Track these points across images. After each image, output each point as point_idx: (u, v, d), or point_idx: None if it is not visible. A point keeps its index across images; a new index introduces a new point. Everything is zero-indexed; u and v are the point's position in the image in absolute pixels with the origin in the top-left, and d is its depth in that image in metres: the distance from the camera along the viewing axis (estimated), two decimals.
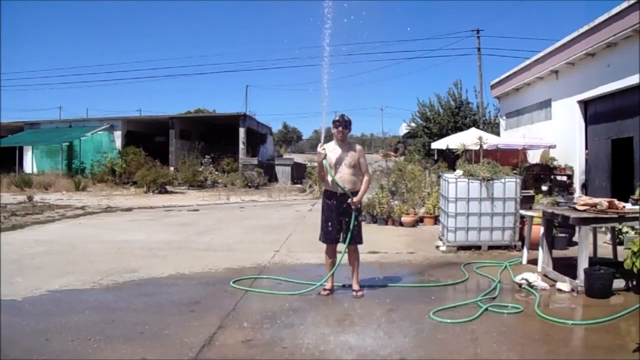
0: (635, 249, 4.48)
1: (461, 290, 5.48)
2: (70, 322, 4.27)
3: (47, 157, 27.63)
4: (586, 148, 12.37)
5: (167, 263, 6.70)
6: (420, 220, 10.50)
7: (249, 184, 24.08)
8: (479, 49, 26.27)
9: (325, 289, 5.13)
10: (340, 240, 5.16)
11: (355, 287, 5.13)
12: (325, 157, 5.01)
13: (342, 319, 4.35)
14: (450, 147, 14.11)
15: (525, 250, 6.73)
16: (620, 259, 5.75)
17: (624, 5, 9.71)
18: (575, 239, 7.16)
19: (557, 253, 6.52)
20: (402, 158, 20.45)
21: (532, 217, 6.72)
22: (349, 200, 5.02)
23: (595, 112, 11.99)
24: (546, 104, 14.49)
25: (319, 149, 5.07)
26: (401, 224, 10.20)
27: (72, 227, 10.38)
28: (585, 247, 5.26)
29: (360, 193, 5.13)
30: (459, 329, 4.09)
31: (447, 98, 24.35)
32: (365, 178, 5.22)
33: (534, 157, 15.22)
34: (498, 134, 18.90)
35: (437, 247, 7.80)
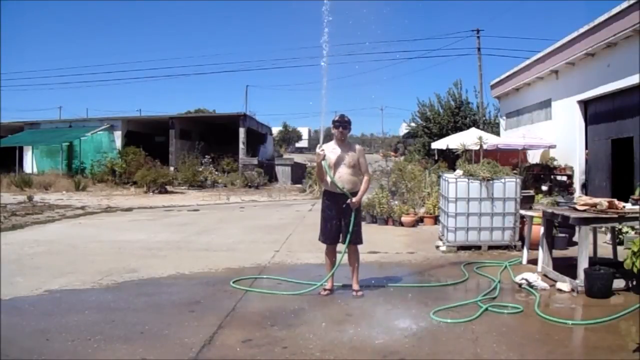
0: (635, 249, 4.49)
1: (461, 290, 5.48)
2: (70, 322, 4.27)
3: (47, 157, 27.63)
4: (586, 148, 12.37)
5: (167, 263, 6.70)
6: (420, 220, 10.50)
7: (249, 184, 24.09)
8: (479, 49, 26.30)
9: (325, 289, 5.13)
10: (340, 240, 5.17)
11: (355, 287, 5.13)
12: (324, 158, 5.00)
13: (342, 319, 4.35)
14: (450, 147, 14.12)
15: (525, 250, 6.73)
16: (620, 259, 5.75)
17: (624, 5, 9.70)
18: (575, 239, 7.16)
19: (557, 253, 6.52)
20: (402, 158, 20.47)
21: (532, 217, 6.72)
22: (349, 201, 5.02)
23: (595, 112, 11.99)
24: (546, 104, 14.49)
25: (317, 150, 5.07)
26: (401, 224, 10.20)
27: (72, 227, 10.38)
28: (585, 247, 5.26)
29: (360, 193, 5.12)
30: (459, 329, 4.09)
31: (447, 98, 24.34)
32: (365, 178, 5.22)
33: (534, 157, 15.22)
34: (498, 134, 18.89)
35: (437, 247, 7.80)
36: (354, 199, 5.02)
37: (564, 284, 5.27)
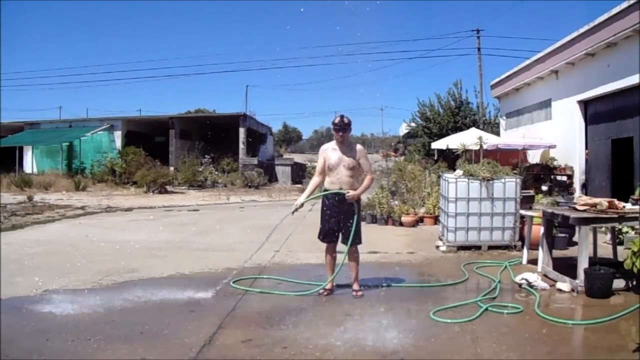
0: (635, 249, 4.49)
1: (461, 290, 5.48)
2: (70, 322, 4.27)
3: (47, 157, 27.63)
4: (586, 148, 12.37)
5: (167, 263, 6.70)
6: (420, 220, 10.50)
7: (249, 184, 24.09)
8: (479, 49, 26.32)
9: (325, 289, 5.13)
10: (340, 240, 5.16)
11: (355, 287, 5.13)
12: (301, 206, 5.15)
13: (341, 319, 4.35)
14: (450, 147, 14.12)
15: (525, 250, 6.73)
16: (620, 259, 5.75)
17: (624, 5, 9.70)
18: (575, 239, 7.16)
19: (557, 253, 6.52)
20: (402, 158, 20.48)
21: (532, 217, 6.72)
22: (346, 195, 4.99)
23: (595, 112, 11.99)
24: (546, 104, 14.49)
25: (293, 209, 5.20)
26: (401, 224, 10.20)
27: (72, 227, 10.38)
28: (585, 247, 5.26)
29: (359, 189, 5.10)
30: (459, 329, 4.09)
31: (447, 98, 24.35)
32: (368, 177, 5.23)
33: (534, 157, 15.22)
34: (498, 134, 18.90)
35: (437, 247, 7.80)
36: (350, 192, 4.99)
37: (564, 284, 5.27)
